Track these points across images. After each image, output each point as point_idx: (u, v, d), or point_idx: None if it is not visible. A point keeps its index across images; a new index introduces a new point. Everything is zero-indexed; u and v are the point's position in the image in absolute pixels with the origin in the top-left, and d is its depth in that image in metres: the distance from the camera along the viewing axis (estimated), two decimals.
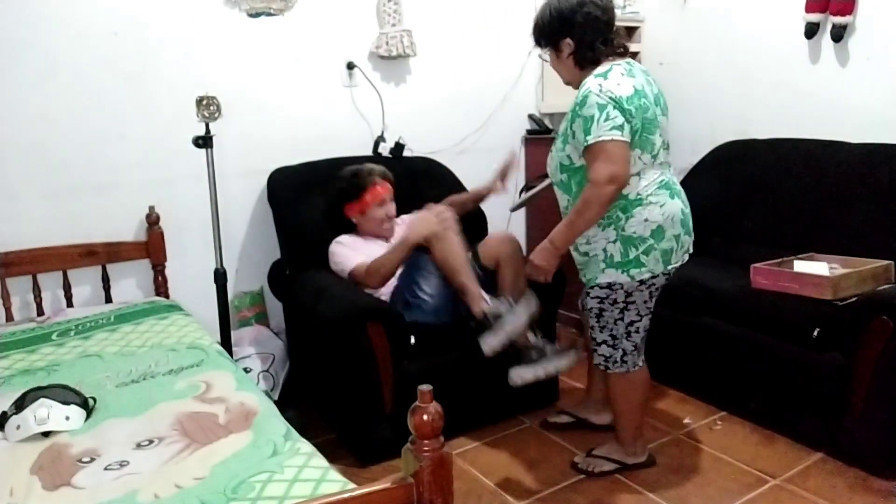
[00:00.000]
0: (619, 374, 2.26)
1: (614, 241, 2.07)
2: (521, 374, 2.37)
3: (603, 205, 1.97)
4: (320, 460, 1.49)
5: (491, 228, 3.27)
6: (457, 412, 1.88)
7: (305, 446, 1.55)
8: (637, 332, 2.22)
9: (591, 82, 1.98)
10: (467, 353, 2.62)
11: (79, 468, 1.51)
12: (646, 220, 2.05)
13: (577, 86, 2.07)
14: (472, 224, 3.20)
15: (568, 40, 2.08)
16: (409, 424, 1.00)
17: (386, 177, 2.73)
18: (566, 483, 2.34)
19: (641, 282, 2.11)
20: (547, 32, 2.13)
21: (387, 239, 2.74)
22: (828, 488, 2.23)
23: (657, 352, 3.03)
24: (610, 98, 1.93)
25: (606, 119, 1.92)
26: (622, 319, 2.18)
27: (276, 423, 1.65)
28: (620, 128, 1.92)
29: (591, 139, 1.93)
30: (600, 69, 2.03)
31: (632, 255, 2.07)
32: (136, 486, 1.41)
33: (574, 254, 2.23)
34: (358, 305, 2.40)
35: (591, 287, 2.19)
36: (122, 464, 1.51)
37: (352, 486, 1.28)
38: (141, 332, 2.36)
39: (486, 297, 2.48)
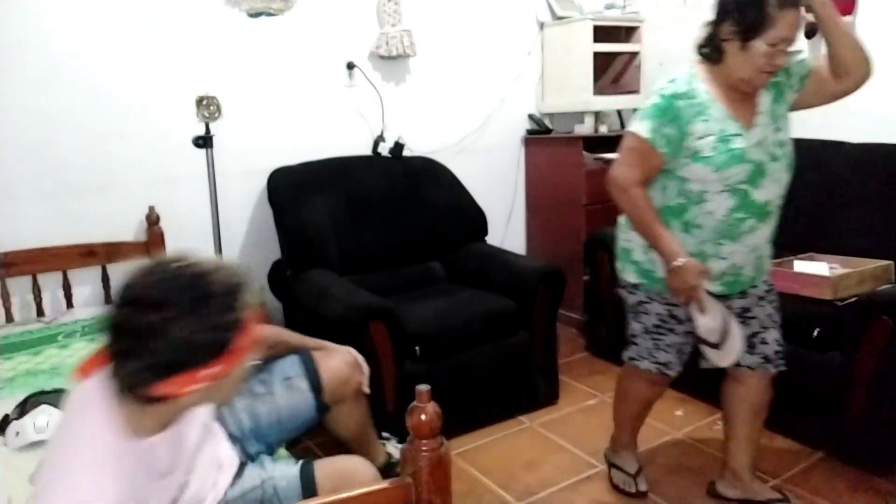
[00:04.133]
0: None
1: None
2: None
3: None
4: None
5: (491, 227, 3.27)
6: (457, 412, 1.89)
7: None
8: None
9: None
10: (468, 354, 2.64)
11: None
12: None
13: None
14: (473, 225, 3.21)
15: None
16: (407, 424, 1.00)
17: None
18: (566, 483, 2.34)
19: None
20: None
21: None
22: (828, 488, 2.23)
23: None
24: None
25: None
26: None
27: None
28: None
29: None
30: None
31: None
32: None
33: (758, 258, 1.95)
34: (361, 305, 2.41)
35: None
36: None
37: None
38: None
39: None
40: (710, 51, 1.82)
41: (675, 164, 1.82)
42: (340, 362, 1.83)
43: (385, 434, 2.14)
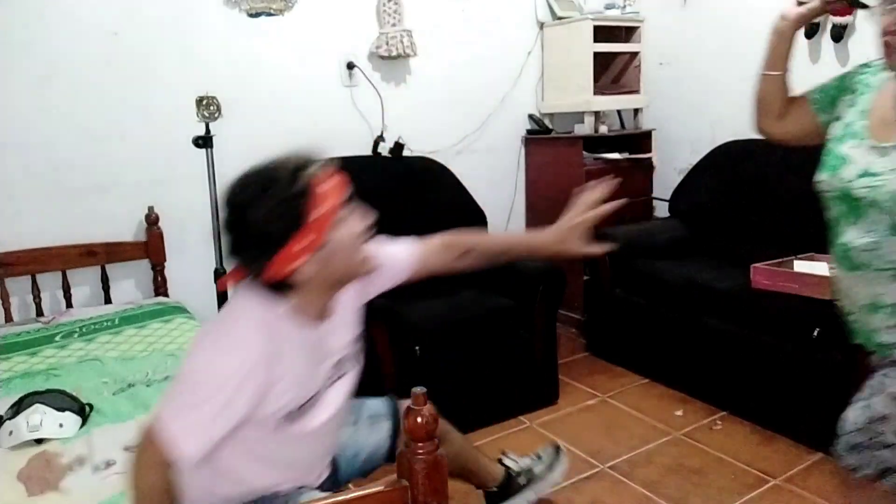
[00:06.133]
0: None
1: None
2: None
3: None
4: None
5: (491, 227, 3.27)
6: (457, 412, 1.88)
7: None
8: None
9: None
10: (468, 354, 2.64)
11: (67, 473, 1.51)
12: None
13: None
14: (473, 225, 3.20)
15: None
16: (403, 427, 1.00)
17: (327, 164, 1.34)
18: (566, 483, 2.33)
19: None
20: None
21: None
22: (828, 488, 2.22)
23: (657, 351, 3.04)
24: None
25: None
26: None
27: None
28: None
29: None
30: None
31: None
32: (122, 487, 1.39)
33: None
34: None
35: None
36: (109, 463, 1.51)
37: None
38: (143, 335, 2.35)
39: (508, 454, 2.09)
40: None
41: None
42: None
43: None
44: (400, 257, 1.60)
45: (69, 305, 2.64)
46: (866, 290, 1.44)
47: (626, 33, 3.66)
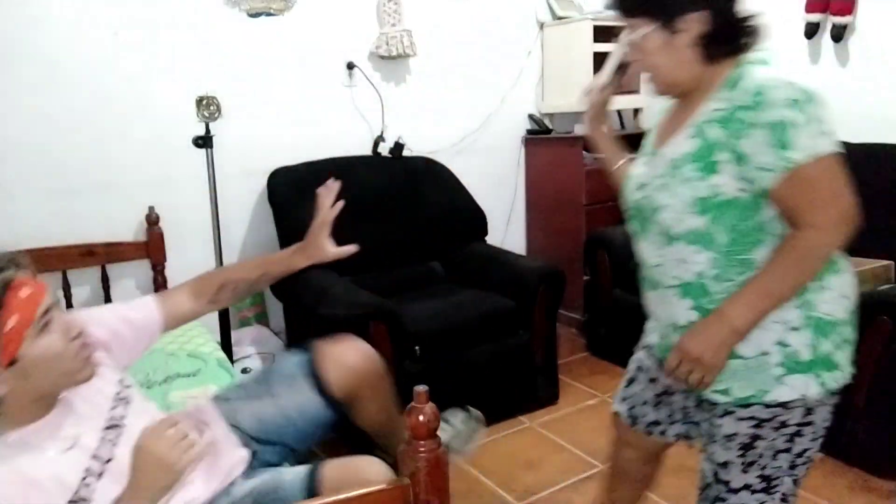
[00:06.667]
0: None
1: (799, 329, 1.27)
2: None
3: (825, 261, 1.25)
4: None
5: (491, 227, 3.27)
6: None
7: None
8: (805, 462, 1.41)
9: (757, 74, 1.28)
10: (468, 354, 2.64)
11: None
12: (843, 294, 1.31)
13: (680, 91, 1.42)
14: (473, 225, 3.21)
15: (699, 15, 1.30)
16: (405, 425, 1.00)
17: (26, 266, 1.22)
18: (566, 483, 2.34)
19: (832, 393, 1.34)
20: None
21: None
22: (828, 488, 2.22)
23: None
24: (806, 92, 1.22)
25: (815, 122, 1.20)
26: (788, 451, 1.36)
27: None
28: (832, 136, 1.21)
29: (801, 156, 1.17)
30: (754, 58, 1.33)
31: (824, 351, 1.28)
32: None
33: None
34: (361, 305, 2.41)
35: (746, 405, 1.32)
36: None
37: None
38: None
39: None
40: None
41: None
42: (349, 353, 1.61)
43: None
44: (144, 318, 1.53)
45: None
46: (664, 309, 1.41)
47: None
